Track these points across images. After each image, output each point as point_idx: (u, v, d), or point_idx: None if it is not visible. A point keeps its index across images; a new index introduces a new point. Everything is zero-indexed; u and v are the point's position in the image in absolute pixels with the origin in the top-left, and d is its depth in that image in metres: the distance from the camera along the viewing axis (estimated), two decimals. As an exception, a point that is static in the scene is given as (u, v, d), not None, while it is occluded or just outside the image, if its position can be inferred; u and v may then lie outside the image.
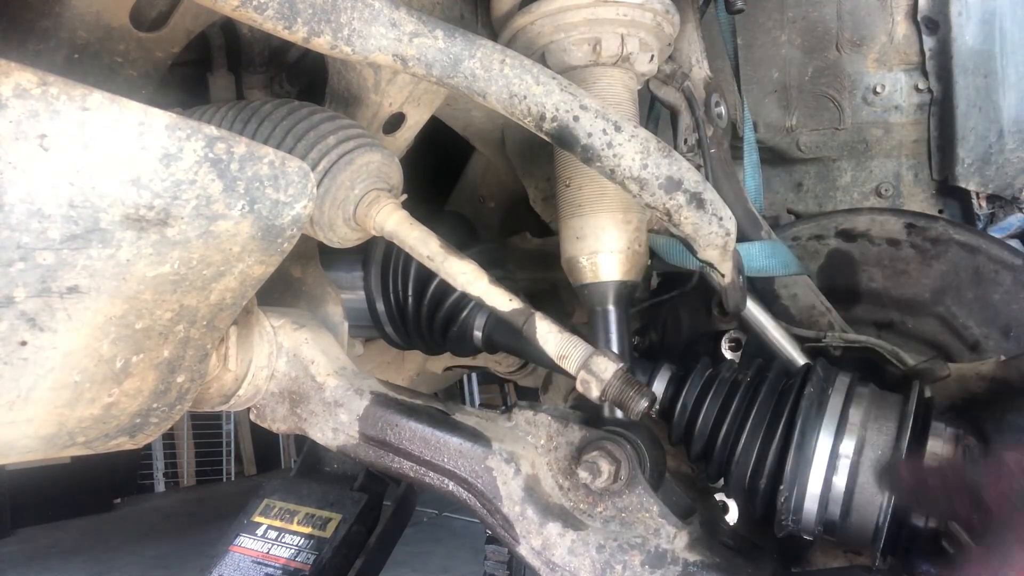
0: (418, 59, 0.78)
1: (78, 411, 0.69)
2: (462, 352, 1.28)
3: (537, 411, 0.93)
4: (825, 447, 0.90)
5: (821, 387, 0.95)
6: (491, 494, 0.87)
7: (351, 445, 0.93)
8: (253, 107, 0.91)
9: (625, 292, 0.98)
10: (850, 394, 0.94)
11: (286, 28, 0.71)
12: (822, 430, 0.91)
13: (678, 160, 0.82)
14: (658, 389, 1.06)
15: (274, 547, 1.24)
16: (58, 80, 0.55)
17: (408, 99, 1.09)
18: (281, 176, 0.70)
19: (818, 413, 0.92)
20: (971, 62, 1.67)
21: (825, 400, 0.93)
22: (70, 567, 5.50)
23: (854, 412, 0.93)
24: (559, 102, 0.79)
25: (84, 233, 0.59)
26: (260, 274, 0.76)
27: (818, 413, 0.92)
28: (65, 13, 0.84)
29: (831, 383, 0.95)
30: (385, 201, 0.91)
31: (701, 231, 0.86)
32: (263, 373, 0.94)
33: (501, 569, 2.58)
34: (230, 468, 8.58)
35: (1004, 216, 1.73)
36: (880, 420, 0.92)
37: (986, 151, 1.67)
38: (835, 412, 0.92)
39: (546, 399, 1.62)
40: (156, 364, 0.73)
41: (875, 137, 1.81)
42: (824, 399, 0.93)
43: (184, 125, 0.62)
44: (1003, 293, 1.26)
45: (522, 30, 1.03)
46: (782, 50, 1.86)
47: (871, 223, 1.37)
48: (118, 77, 0.91)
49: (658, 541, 0.84)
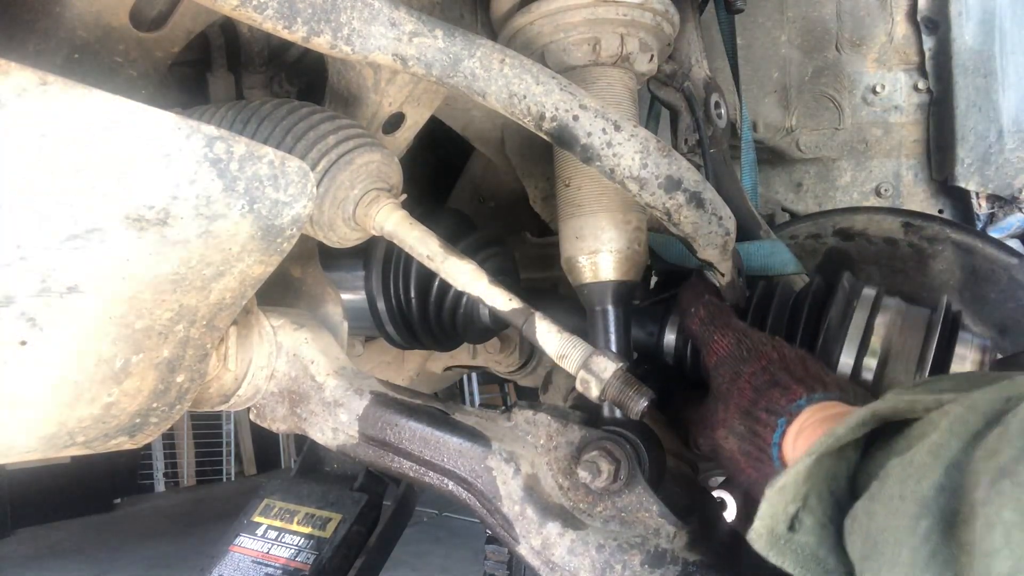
0: (418, 59, 0.78)
1: (78, 411, 0.69)
2: (473, 337, 1.28)
3: (537, 411, 0.93)
4: (847, 363, 0.90)
5: (847, 300, 0.94)
6: (491, 494, 0.87)
7: (351, 445, 0.93)
8: (253, 107, 0.91)
9: (624, 292, 0.98)
10: (875, 306, 0.94)
11: (286, 28, 0.71)
12: (845, 345, 0.90)
13: (678, 159, 0.82)
14: (670, 336, 1.07)
15: (274, 547, 1.24)
16: (58, 80, 0.55)
17: (408, 99, 1.09)
18: (281, 176, 0.70)
19: (841, 326, 0.91)
20: (971, 62, 1.67)
21: (850, 313, 0.92)
22: (70, 567, 5.49)
23: (879, 325, 0.92)
24: (559, 101, 0.79)
25: (84, 233, 0.59)
26: (260, 274, 0.76)
27: (841, 326, 0.91)
28: (65, 13, 0.84)
29: (857, 294, 0.94)
30: (385, 201, 0.91)
31: (700, 230, 0.86)
32: (263, 373, 0.94)
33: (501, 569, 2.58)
34: (230, 468, 8.57)
35: (1004, 216, 1.73)
36: (907, 332, 0.91)
37: (986, 151, 1.68)
38: (859, 326, 0.91)
39: (546, 399, 1.62)
40: (156, 364, 0.73)
41: (875, 137, 1.82)
42: (849, 312, 0.92)
43: (184, 125, 0.62)
44: (999, 292, 1.26)
45: (521, 30, 1.03)
46: (782, 50, 1.86)
47: (868, 222, 1.37)
48: (118, 77, 0.91)
49: (658, 541, 0.84)
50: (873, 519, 0.51)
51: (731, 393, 0.80)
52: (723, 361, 0.85)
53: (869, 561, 0.51)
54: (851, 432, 0.56)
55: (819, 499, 0.58)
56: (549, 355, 0.87)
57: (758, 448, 0.75)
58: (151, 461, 8.09)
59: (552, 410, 0.93)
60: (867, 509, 0.53)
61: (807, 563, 0.58)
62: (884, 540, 0.48)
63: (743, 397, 0.78)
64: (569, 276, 1.02)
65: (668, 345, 1.07)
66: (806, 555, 0.58)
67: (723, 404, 0.82)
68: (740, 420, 0.78)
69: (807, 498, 0.58)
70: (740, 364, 0.82)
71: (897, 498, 0.48)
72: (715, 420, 0.83)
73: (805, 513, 0.58)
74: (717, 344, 0.87)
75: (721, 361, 0.85)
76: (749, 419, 0.76)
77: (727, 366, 0.83)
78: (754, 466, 0.76)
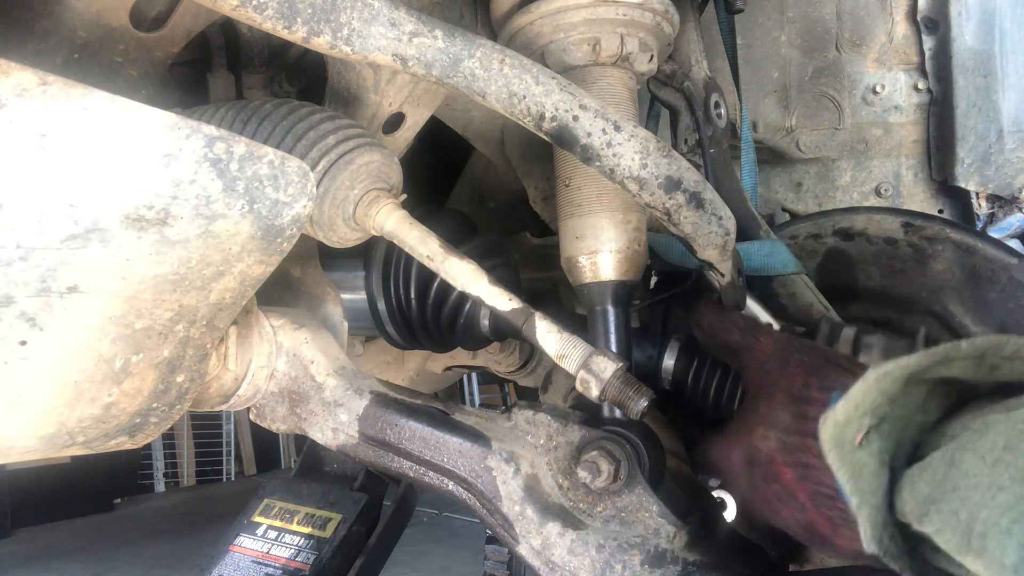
0: (418, 59, 0.78)
1: (78, 411, 0.69)
2: (471, 344, 1.28)
3: (537, 411, 0.93)
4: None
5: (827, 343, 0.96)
6: (491, 494, 0.87)
7: (351, 445, 0.93)
8: (253, 107, 0.91)
9: (624, 292, 0.98)
10: (856, 345, 0.96)
11: (286, 28, 0.71)
12: None
13: (677, 160, 0.82)
14: (668, 361, 1.07)
15: (274, 547, 1.24)
16: (58, 80, 0.55)
17: (408, 99, 1.09)
18: (281, 176, 0.70)
19: None
20: (971, 62, 1.67)
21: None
22: (70, 567, 5.50)
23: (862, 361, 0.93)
24: (558, 102, 0.79)
25: (84, 233, 0.59)
26: (260, 274, 0.76)
27: None
28: (65, 13, 0.84)
29: (836, 338, 0.96)
30: (385, 201, 0.91)
31: (700, 231, 0.86)
32: (263, 373, 0.94)
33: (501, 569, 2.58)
34: (230, 468, 8.58)
35: (1004, 216, 1.73)
36: None
37: (986, 151, 1.68)
38: None
39: (546, 399, 1.62)
40: (156, 364, 0.73)
41: (875, 137, 1.82)
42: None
43: (184, 125, 0.62)
44: (999, 292, 1.26)
45: (521, 30, 1.03)
46: (782, 50, 1.86)
47: (868, 222, 1.37)
48: (118, 77, 0.91)
49: (658, 541, 0.84)
50: (956, 466, 0.51)
51: (779, 384, 0.79)
52: (770, 357, 0.84)
53: (939, 504, 0.51)
54: (956, 350, 0.56)
55: (890, 431, 0.58)
56: (549, 355, 0.87)
57: (803, 434, 0.73)
58: (151, 461, 8.09)
59: (552, 410, 0.93)
60: (949, 457, 0.53)
61: (859, 479, 0.58)
62: (971, 485, 0.49)
63: (793, 381, 0.77)
64: (569, 276, 1.02)
65: (666, 370, 1.08)
66: (865, 473, 0.58)
67: (766, 399, 0.80)
68: (787, 408, 0.76)
69: (884, 421, 0.58)
70: (791, 353, 0.81)
71: (1001, 448, 0.49)
72: (753, 422, 0.81)
73: (876, 435, 0.58)
74: (764, 343, 0.86)
75: (768, 358, 0.84)
76: (799, 403, 0.75)
77: (775, 360, 0.82)
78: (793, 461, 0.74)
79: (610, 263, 0.97)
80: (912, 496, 0.55)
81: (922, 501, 0.54)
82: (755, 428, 0.80)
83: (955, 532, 0.49)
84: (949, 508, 0.50)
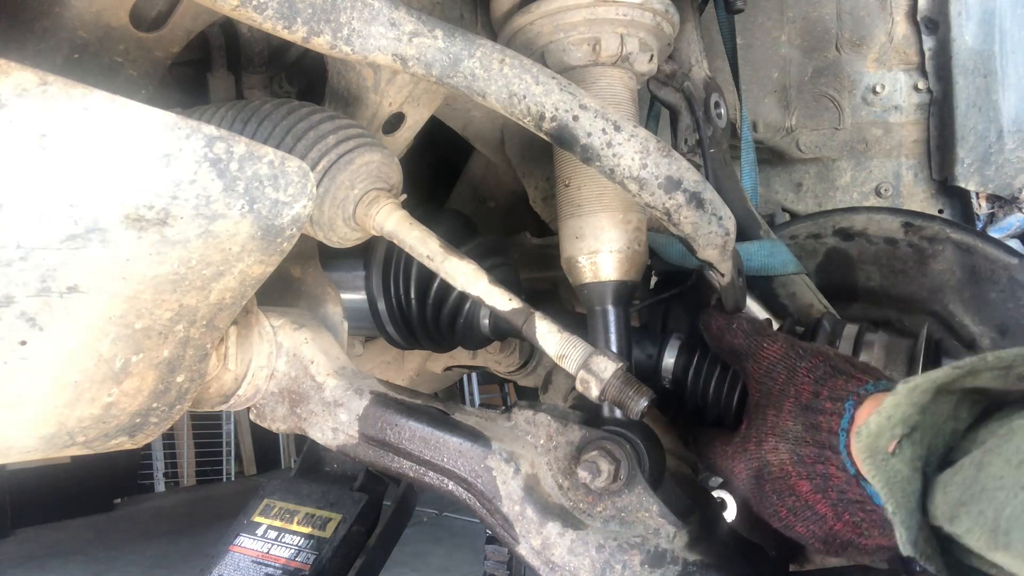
0: (418, 59, 0.78)
1: (78, 411, 0.69)
2: (471, 344, 1.28)
3: (537, 411, 0.93)
4: None
5: (829, 340, 0.96)
6: (491, 494, 0.87)
7: (351, 445, 0.93)
8: (253, 107, 0.91)
9: (625, 292, 0.98)
10: (859, 342, 0.96)
11: (286, 28, 0.71)
12: None
13: (678, 160, 0.82)
14: (668, 360, 1.07)
15: (274, 547, 1.24)
16: (58, 80, 0.55)
17: (408, 99, 1.09)
18: (281, 176, 0.70)
19: None
20: (971, 62, 1.67)
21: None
22: (70, 567, 5.50)
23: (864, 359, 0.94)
24: (558, 102, 0.79)
25: (84, 232, 0.59)
26: (260, 274, 0.76)
27: None
28: (65, 13, 0.84)
29: (838, 335, 0.96)
30: (385, 201, 0.91)
31: (700, 231, 0.86)
32: (263, 373, 0.94)
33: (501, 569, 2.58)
34: (230, 468, 8.58)
35: (1004, 216, 1.73)
36: (891, 366, 0.94)
37: (986, 151, 1.68)
38: None
39: (546, 399, 1.62)
40: (156, 364, 0.73)
41: (875, 137, 1.82)
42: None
43: (184, 125, 0.62)
44: (999, 292, 1.26)
45: (521, 30, 1.03)
46: (782, 50, 1.86)
47: (868, 222, 1.37)
48: (118, 77, 0.91)
49: (658, 541, 0.84)
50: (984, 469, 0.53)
51: (786, 393, 0.79)
52: (775, 364, 0.83)
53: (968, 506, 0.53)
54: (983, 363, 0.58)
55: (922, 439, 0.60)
56: (549, 355, 0.87)
57: (818, 445, 0.73)
58: (151, 461, 8.09)
59: (552, 410, 0.93)
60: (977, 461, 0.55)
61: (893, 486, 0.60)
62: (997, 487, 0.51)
63: (802, 391, 0.77)
64: (569, 276, 1.02)
65: (666, 368, 1.08)
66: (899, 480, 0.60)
67: (774, 409, 0.80)
68: (797, 418, 0.76)
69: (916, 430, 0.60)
70: (796, 361, 0.81)
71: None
72: (761, 433, 0.80)
73: (908, 443, 0.60)
74: (768, 350, 0.85)
75: (773, 365, 0.83)
76: (809, 413, 0.75)
77: (781, 367, 0.82)
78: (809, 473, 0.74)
79: (610, 263, 0.97)
80: (944, 500, 0.57)
81: (953, 504, 0.56)
82: (764, 439, 0.80)
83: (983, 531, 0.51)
84: (977, 509, 0.52)
